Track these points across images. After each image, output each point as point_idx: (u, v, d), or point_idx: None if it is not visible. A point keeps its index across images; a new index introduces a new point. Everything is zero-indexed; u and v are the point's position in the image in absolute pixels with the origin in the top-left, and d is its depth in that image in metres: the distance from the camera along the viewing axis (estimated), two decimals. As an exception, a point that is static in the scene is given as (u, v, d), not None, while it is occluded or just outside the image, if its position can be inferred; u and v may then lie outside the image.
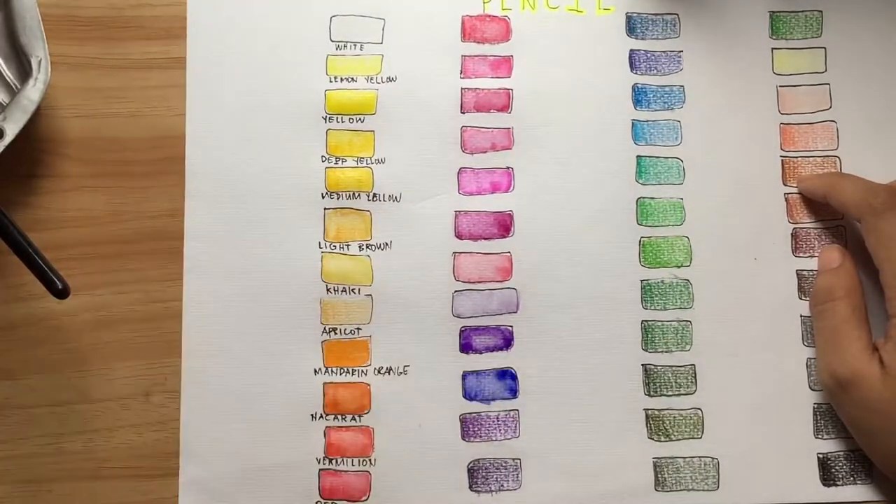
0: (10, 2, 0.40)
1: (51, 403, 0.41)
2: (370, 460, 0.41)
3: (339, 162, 0.43)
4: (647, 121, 0.43)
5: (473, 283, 0.42)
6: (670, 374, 0.42)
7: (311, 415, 0.41)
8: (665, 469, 0.41)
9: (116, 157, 0.43)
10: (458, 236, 0.42)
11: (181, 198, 0.42)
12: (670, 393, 0.41)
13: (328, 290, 0.42)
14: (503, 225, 0.42)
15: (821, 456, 0.41)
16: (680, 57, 0.44)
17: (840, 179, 0.41)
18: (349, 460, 0.41)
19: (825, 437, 0.41)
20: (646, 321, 0.42)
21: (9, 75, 0.41)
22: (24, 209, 0.42)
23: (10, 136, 0.39)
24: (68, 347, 0.41)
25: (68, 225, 0.42)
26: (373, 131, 0.43)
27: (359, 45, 0.44)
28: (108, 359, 0.41)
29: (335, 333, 0.41)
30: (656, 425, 0.41)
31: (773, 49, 0.44)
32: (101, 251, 0.42)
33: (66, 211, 0.42)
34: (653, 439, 0.41)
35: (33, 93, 0.39)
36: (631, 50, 0.44)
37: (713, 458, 0.41)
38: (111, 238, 0.42)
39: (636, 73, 0.44)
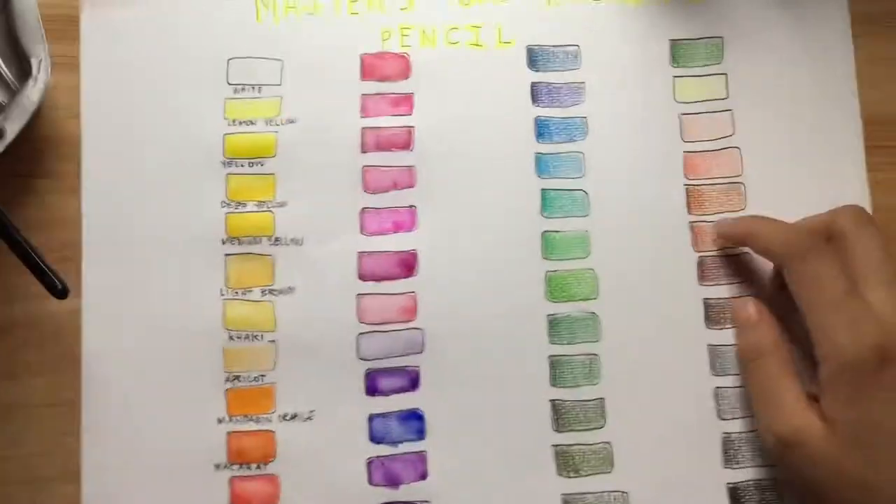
0: (10, 2, 0.39)
1: (51, 403, 0.41)
2: (277, 509, 0.40)
3: (240, 206, 0.42)
4: (551, 153, 0.43)
5: (378, 324, 0.42)
6: (579, 409, 0.41)
7: (216, 465, 0.40)
8: (575, 505, 0.41)
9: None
10: (362, 278, 0.42)
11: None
12: (580, 428, 0.41)
13: (230, 337, 0.41)
14: (407, 264, 0.42)
15: (730, 486, 0.41)
16: (581, 88, 0.44)
17: (758, 224, 0.40)
18: (256, 509, 0.40)
19: (734, 466, 0.41)
20: (553, 356, 0.42)
21: (9, 75, 0.40)
22: (24, 209, 0.42)
23: (10, 136, 0.38)
24: (68, 347, 0.41)
25: (68, 225, 0.42)
26: (273, 174, 0.43)
27: (257, 88, 0.43)
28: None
29: (238, 381, 0.41)
30: (565, 461, 0.41)
31: (674, 77, 0.44)
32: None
33: (66, 211, 0.42)
34: (562, 475, 0.41)
35: (33, 93, 0.39)
36: (532, 83, 0.44)
37: (623, 493, 0.41)
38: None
39: (538, 106, 0.44)
